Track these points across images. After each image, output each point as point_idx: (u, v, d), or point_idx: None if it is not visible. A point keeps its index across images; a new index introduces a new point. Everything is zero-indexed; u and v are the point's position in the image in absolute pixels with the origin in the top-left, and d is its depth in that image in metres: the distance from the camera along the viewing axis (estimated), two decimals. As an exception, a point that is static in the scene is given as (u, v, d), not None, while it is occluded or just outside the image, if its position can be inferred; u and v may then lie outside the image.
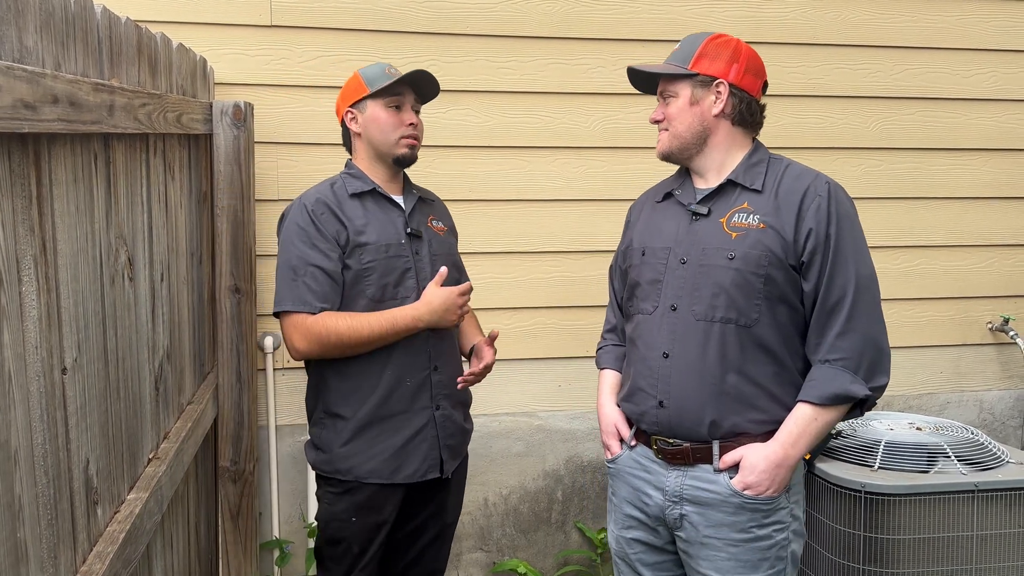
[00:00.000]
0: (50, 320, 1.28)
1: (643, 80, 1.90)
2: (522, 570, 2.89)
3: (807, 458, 1.81)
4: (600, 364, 2.07)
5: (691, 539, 1.79)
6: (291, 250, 1.99)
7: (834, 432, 2.45)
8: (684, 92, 1.80)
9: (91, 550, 1.45)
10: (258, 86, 2.71)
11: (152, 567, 1.86)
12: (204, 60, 2.54)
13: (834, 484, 2.30)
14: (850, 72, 3.06)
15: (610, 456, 1.95)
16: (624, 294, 1.98)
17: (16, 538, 1.16)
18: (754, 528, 1.74)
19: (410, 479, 2.03)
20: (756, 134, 1.87)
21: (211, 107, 2.48)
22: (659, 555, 1.89)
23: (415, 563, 2.20)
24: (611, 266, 2.09)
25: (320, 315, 1.95)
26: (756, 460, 1.71)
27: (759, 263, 1.72)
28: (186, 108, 2.15)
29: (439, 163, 2.79)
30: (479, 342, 2.17)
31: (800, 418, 1.71)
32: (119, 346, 1.62)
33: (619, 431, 1.93)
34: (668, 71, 1.81)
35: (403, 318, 1.96)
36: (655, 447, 1.83)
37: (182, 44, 2.23)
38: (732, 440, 1.75)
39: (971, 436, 2.46)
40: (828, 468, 2.34)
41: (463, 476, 2.23)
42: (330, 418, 2.04)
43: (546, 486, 3.02)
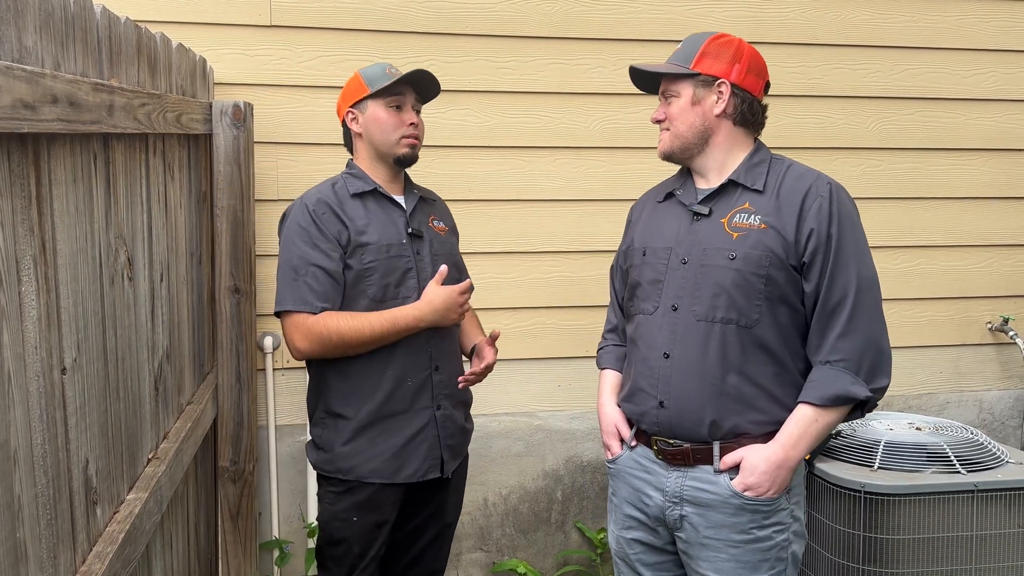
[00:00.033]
0: (49, 320, 1.28)
1: (645, 80, 1.89)
2: (522, 570, 2.89)
3: (807, 459, 1.81)
4: (601, 364, 2.06)
5: (691, 540, 1.79)
6: (292, 250, 1.98)
7: (833, 432, 2.45)
8: (686, 92, 1.80)
9: (90, 550, 1.44)
10: (258, 86, 2.70)
11: (152, 567, 1.86)
12: (204, 60, 2.53)
13: (834, 484, 2.30)
14: (849, 72, 3.06)
15: (610, 456, 1.95)
16: (625, 294, 1.98)
17: (15, 538, 1.15)
18: (754, 529, 1.74)
19: (411, 479, 2.03)
20: (758, 134, 1.87)
21: (211, 107, 2.48)
22: (659, 555, 1.89)
23: (415, 563, 2.20)
24: (612, 266, 2.08)
25: (321, 315, 1.94)
26: (756, 461, 1.71)
27: (760, 263, 1.71)
28: (186, 108, 2.15)
29: (439, 163, 2.79)
30: (480, 342, 2.17)
31: (801, 419, 1.71)
32: (119, 346, 1.62)
33: (619, 431, 1.93)
34: (670, 71, 1.81)
35: (404, 318, 1.96)
36: (655, 447, 1.83)
37: (182, 44, 2.23)
38: (732, 441, 1.75)
39: (971, 436, 2.46)
40: (828, 468, 2.34)
41: (463, 476, 2.23)
42: (331, 418, 2.04)
43: (546, 486, 3.02)
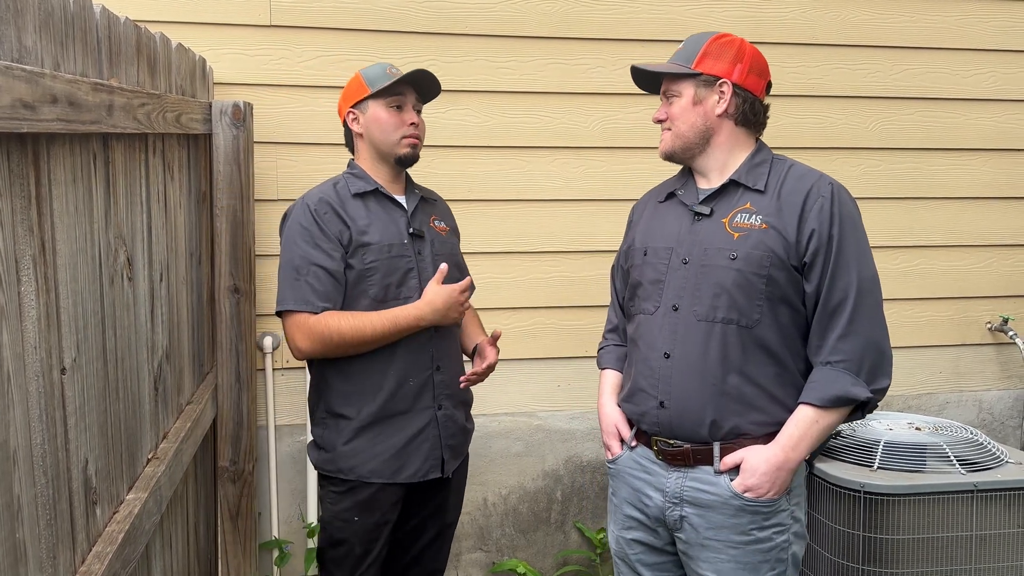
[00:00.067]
0: (49, 320, 1.27)
1: (646, 79, 1.89)
2: (521, 570, 2.89)
3: (807, 460, 1.81)
4: (601, 364, 2.06)
5: (691, 541, 1.78)
6: (294, 250, 1.98)
7: (833, 432, 2.45)
8: (687, 92, 1.79)
9: (90, 550, 1.44)
10: (257, 86, 2.70)
11: (151, 567, 1.86)
12: (203, 60, 2.53)
13: (833, 484, 2.30)
14: (849, 72, 3.06)
15: (611, 456, 1.95)
16: (626, 294, 1.98)
17: (15, 538, 1.15)
18: (754, 530, 1.74)
19: (412, 479, 2.03)
20: (759, 134, 1.87)
21: (210, 107, 2.48)
22: (659, 556, 1.89)
23: (415, 563, 2.20)
24: (613, 266, 2.08)
25: (322, 315, 1.94)
26: (757, 462, 1.71)
27: (761, 264, 1.71)
28: (185, 108, 2.15)
29: (438, 163, 2.79)
30: (482, 341, 2.17)
31: (801, 420, 1.71)
32: (118, 346, 1.62)
33: (620, 431, 1.93)
34: (671, 70, 1.81)
35: (406, 317, 1.96)
36: (655, 448, 1.83)
37: (181, 44, 2.23)
38: (733, 442, 1.75)
39: (970, 436, 2.46)
40: (827, 468, 2.34)
41: (464, 476, 2.23)
42: (333, 418, 2.04)
43: (545, 486, 3.01)
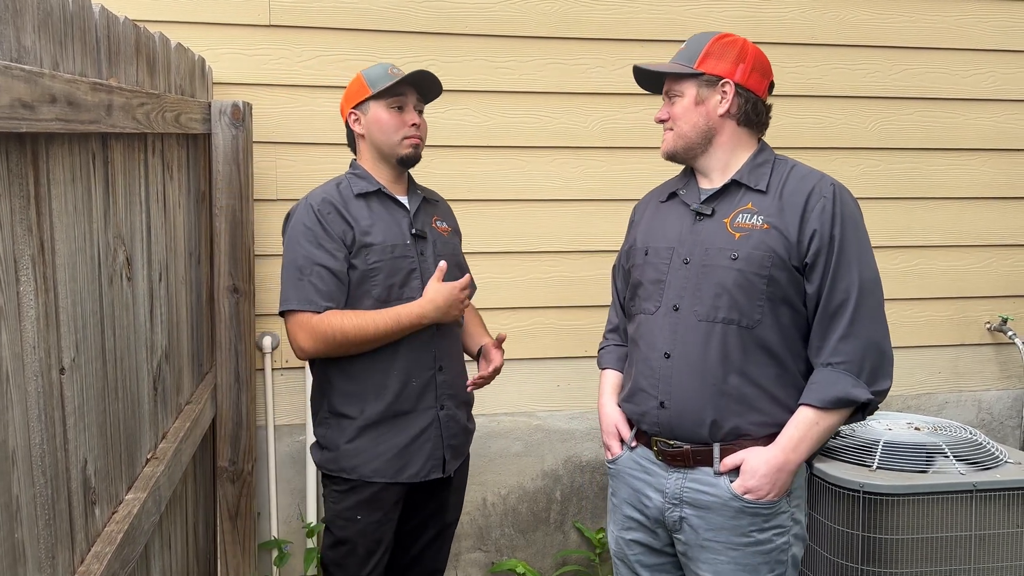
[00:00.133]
0: (48, 320, 1.27)
1: (648, 79, 1.89)
2: (521, 570, 2.89)
3: (807, 461, 1.80)
4: (601, 364, 2.06)
5: (690, 542, 1.78)
6: (297, 250, 1.98)
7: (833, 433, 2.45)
8: (689, 91, 1.79)
9: (89, 550, 1.44)
10: (257, 86, 2.70)
11: (150, 567, 1.86)
12: (203, 60, 2.53)
13: (833, 484, 2.31)
14: (849, 72, 3.06)
15: (610, 457, 1.95)
16: (627, 294, 1.97)
17: (14, 538, 1.15)
18: (754, 532, 1.73)
19: (413, 479, 2.03)
20: (762, 135, 1.86)
21: (210, 107, 2.48)
22: (658, 557, 1.88)
23: (415, 562, 2.20)
24: (614, 266, 2.08)
25: (325, 314, 1.94)
26: (757, 464, 1.70)
27: (762, 264, 1.71)
28: (184, 108, 2.15)
29: (438, 163, 2.79)
30: (487, 344, 2.18)
31: (802, 422, 1.71)
32: (117, 346, 1.62)
33: (620, 431, 1.92)
34: (674, 70, 1.81)
35: (408, 315, 1.96)
36: (655, 448, 1.82)
37: (180, 44, 2.23)
38: (733, 443, 1.74)
39: (969, 436, 2.46)
40: (827, 468, 2.34)
41: (464, 476, 2.23)
42: (335, 418, 2.04)
43: (545, 486, 3.01)
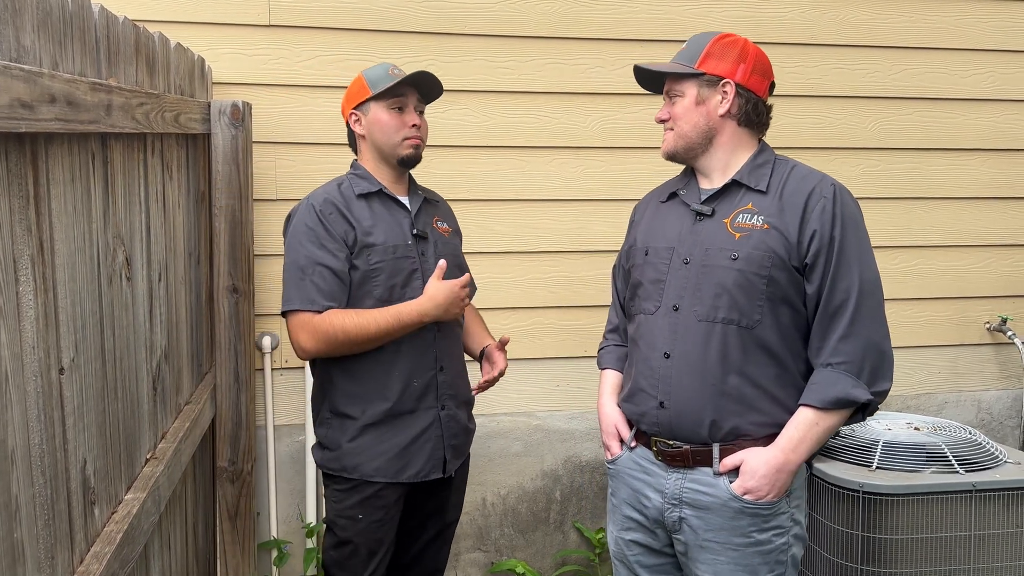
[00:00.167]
0: (47, 320, 1.27)
1: (649, 79, 1.89)
2: (520, 570, 2.89)
3: (807, 461, 1.80)
4: (601, 364, 2.06)
5: (690, 542, 1.78)
6: (299, 250, 1.98)
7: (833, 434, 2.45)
8: (690, 91, 1.79)
9: (88, 550, 1.44)
10: (256, 86, 2.70)
11: (150, 567, 1.86)
12: (202, 59, 2.53)
13: (832, 484, 2.31)
14: (848, 72, 3.07)
15: (610, 457, 1.94)
16: (626, 294, 1.97)
17: (13, 538, 1.15)
18: (754, 532, 1.73)
19: (414, 479, 2.03)
20: (762, 135, 1.86)
21: (209, 107, 2.48)
22: (658, 558, 1.88)
23: (415, 562, 2.20)
24: (614, 266, 2.08)
25: (326, 313, 1.94)
26: (756, 464, 1.70)
27: (762, 264, 1.71)
28: (184, 108, 2.15)
29: (437, 163, 2.79)
30: (490, 346, 2.18)
31: (802, 422, 1.70)
32: (116, 346, 1.62)
33: (619, 432, 1.92)
34: (674, 70, 1.80)
35: (409, 313, 1.96)
36: (655, 448, 1.82)
37: (180, 43, 2.23)
38: (732, 443, 1.74)
39: (969, 436, 2.46)
40: (826, 468, 2.34)
41: (465, 475, 2.23)
42: (337, 418, 2.04)
43: (544, 486, 3.01)
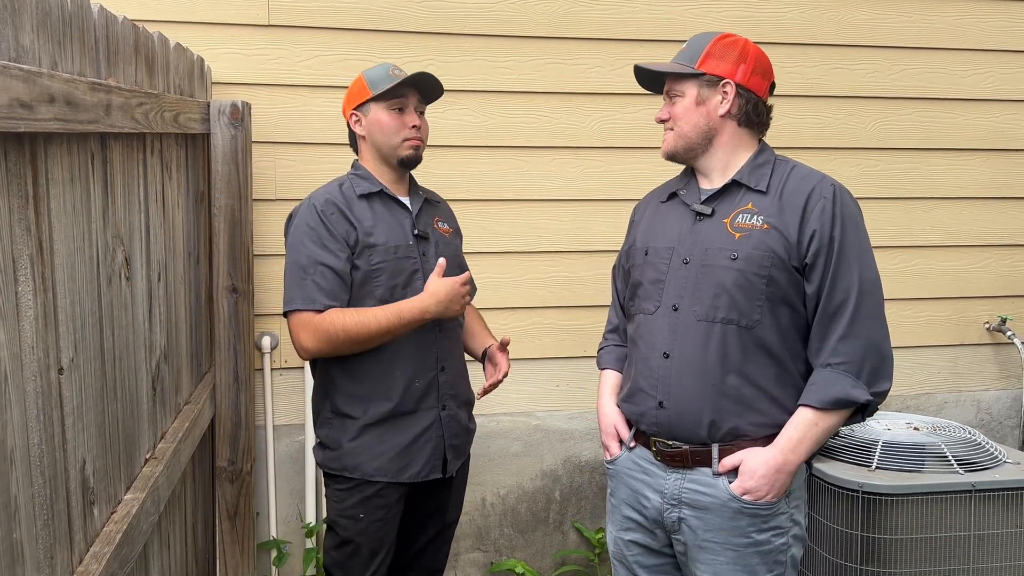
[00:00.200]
0: (46, 320, 1.27)
1: (649, 79, 1.89)
2: (520, 570, 2.89)
3: (807, 461, 1.80)
4: (601, 364, 2.06)
5: (689, 543, 1.78)
6: (301, 250, 1.98)
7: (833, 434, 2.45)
8: (690, 92, 1.79)
9: (88, 551, 1.44)
10: (256, 86, 2.70)
11: (149, 567, 1.86)
12: (202, 59, 2.53)
13: (832, 484, 2.31)
14: (848, 72, 3.07)
15: (609, 457, 1.94)
16: (626, 294, 1.97)
17: (12, 539, 1.15)
18: (753, 533, 1.73)
19: (415, 478, 2.04)
20: (762, 135, 1.86)
21: (208, 107, 2.48)
22: (657, 558, 1.88)
23: (415, 562, 2.20)
24: (614, 266, 2.08)
25: (327, 312, 1.94)
26: (755, 465, 1.70)
27: (762, 264, 1.71)
28: (183, 108, 2.15)
29: (437, 163, 2.79)
30: (492, 348, 2.18)
31: (801, 423, 1.70)
32: (116, 346, 1.62)
33: (618, 432, 1.92)
34: (675, 70, 1.80)
35: (410, 310, 1.95)
36: (654, 449, 1.82)
37: (179, 43, 2.23)
38: (731, 443, 1.74)
39: (968, 436, 2.46)
40: (826, 468, 2.34)
41: (465, 475, 2.23)
42: (339, 418, 2.04)
43: (544, 486, 3.01)
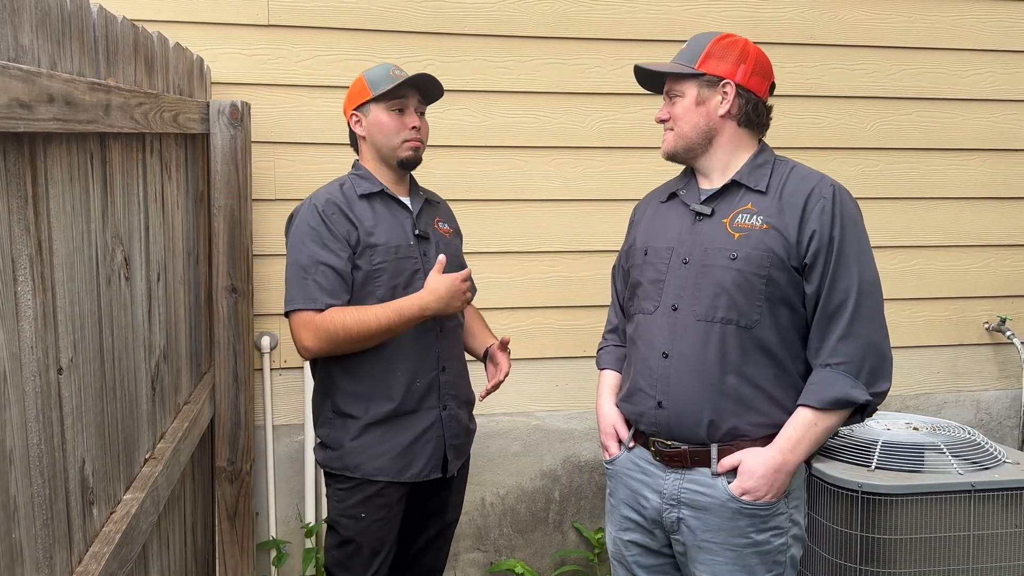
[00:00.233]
0: (46, 320, 1.27)
1: (649, 79, 1.89)
2: (519, 570, 2.89)
3: (806, 462, 1.80)
4: (600, 364, 2.06)
5: (688, 543, 1.78)
6: (302, 250, 1.98)
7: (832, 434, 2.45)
8: (690, 92, 1.79)
9: (87, 551, 1.44)
10: (255, 85, 2.70)
11: (148, 567, 1.86)
12: (201, 59, 2.53)
13: (831, 484, 2.31)
14: (847, 72, 3.07)
15: (608, 457, 1.94)
16: (626, 294, 1.97)
17: (11, 539, 1.15)
18: (752, 533, 1.73)
19: (416, 478, 2.04)
20: (762, 135, 1.86)
21: (208, 107, 2.48)
22: (656, 558, 1.88)
23: (415, 561, 2.20)
24: (614, 266, 2.08)
25: (327, 311, 1.94)
26: (754, 465, 1.70)
27: (761, 264, 1.71)
28: (183, 108, 2.14)
29: (436, 163, 2.79)
30: (493, 347, 2.18)
31: (800, 423, 1.70)
32: (115, 346, 1.62)
33: (617, 432, 1.92)
34: (675, 70, 1.81)
35: (410, 307, 1.95)
36: (653, 449, 1.82)
37: (179, 43, 2.23)
38: (731, 444, 1.74)
39: (968, 436, 2.46)
40: (825, 468, 2.34)
41: (465, 475, 2.23)
42: (340, 417, 2.04)
43: (543, 486, 3.01)
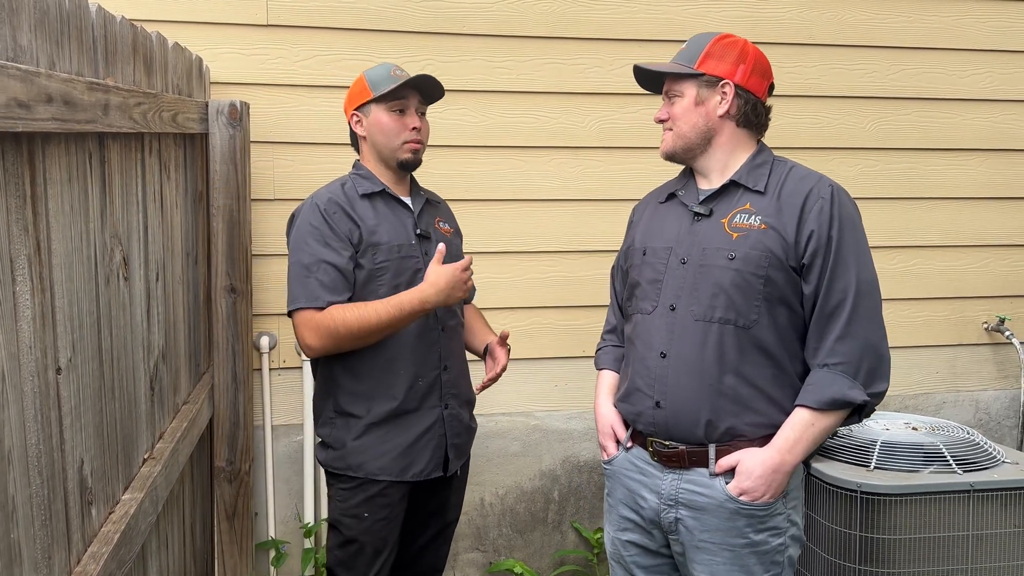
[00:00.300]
0: (44, 320, 1.27)
1: (649, 79, 1.89)
2: (518, 570, 2.89)
3: (804, 462, 1.80)
4: (599, 365, 2.06)
5: (686, 543, 1.78)
6: (304, 249, 1.98)
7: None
8: (689, 92, 1.79)
9: (85, 551, 1.44)
10: (254, 85, 2.70)
11: (147, 567, 1.86)
12: (200, 59, 2.53)
13: (830, 484, 2.31)
14: (846, 72, 3.07)
15: (606, 457, 1.94)
16: (624, 294, 1.98)
17: (10, 539, 1.15)
18: (750, 533, 1.73)
19: (418, 477, 2.04)
20: (761, 136, 1.87)
21: (207, 106, 2.48)
22: (654, 558, 1.88)
23: (415, 561, 2.20)
24: (613, 266, 2.08)
25: (328, 309, 1.94)
26: (752, 465, 1.70)
27: (759, 264, 1.71)
28: (182, 107, 2.14)
29: (436, 163, 2.79)
30: (492, 342, 2.18)
31: (798, 423, 1.70)
32: (114, 346, 1.61)
33: (615, 432, 1.92)
34: (674, 70, 1.81)
35: (410, 301, 1.93)
36: (651, 449, 1.82)
37: (178, 43, 2.23)
38: (728, 444, 1.74)
39: (967, 436, 2.46)
40: (824, 468, 2.34)
41: (465, 475, 2.24)
42: (342, 417, 2.04)
43: (543, 486, 3.01)
